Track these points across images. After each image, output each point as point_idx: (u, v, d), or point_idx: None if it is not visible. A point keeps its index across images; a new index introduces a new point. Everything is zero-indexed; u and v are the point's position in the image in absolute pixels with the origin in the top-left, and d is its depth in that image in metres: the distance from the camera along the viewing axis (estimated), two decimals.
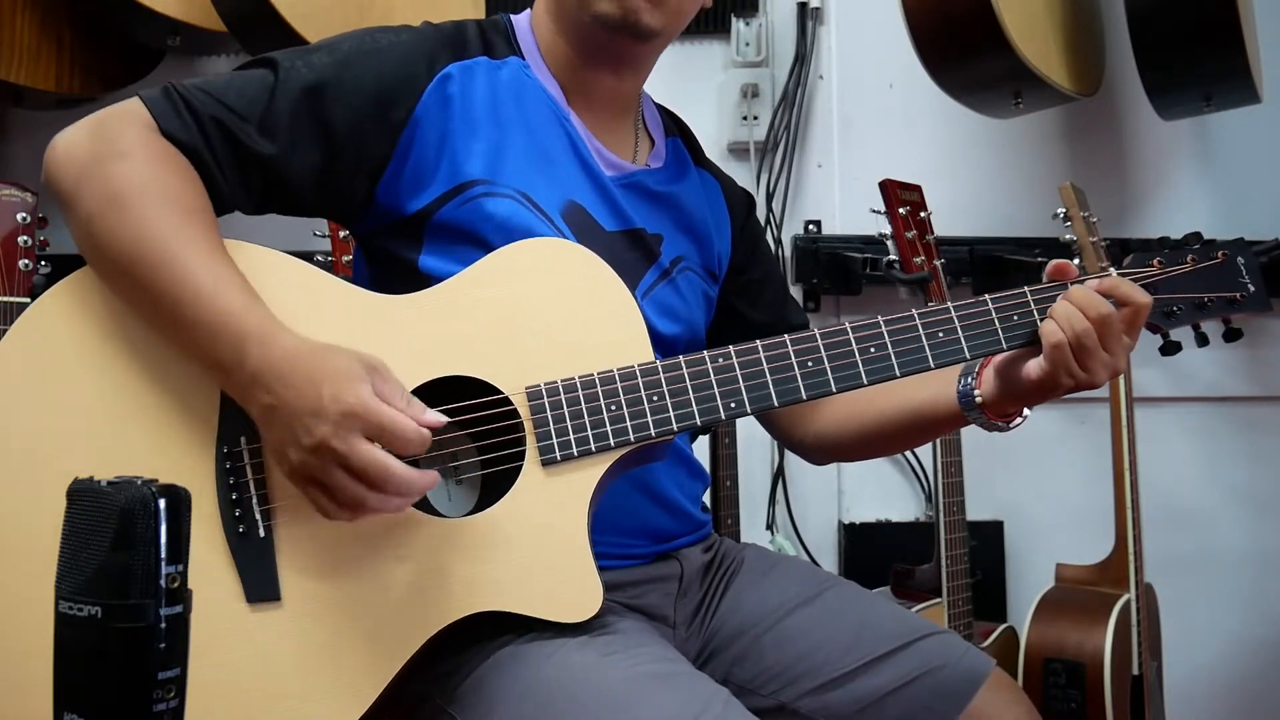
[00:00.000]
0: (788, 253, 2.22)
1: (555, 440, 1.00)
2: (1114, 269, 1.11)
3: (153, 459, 0.98)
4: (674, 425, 1.01)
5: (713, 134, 2.22)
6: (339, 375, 0.90)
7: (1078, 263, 1.65)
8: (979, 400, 1.11)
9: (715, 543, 1.26)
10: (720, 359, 1.03)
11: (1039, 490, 2.23)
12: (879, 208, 1.79)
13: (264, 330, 0.94)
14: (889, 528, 2.22)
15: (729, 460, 1.89)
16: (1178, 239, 1.18)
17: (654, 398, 1.01)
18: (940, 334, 1.05)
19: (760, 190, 2.19)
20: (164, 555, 0.62)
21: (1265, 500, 2.26)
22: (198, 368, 0.98)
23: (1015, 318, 1.06)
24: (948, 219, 1.93)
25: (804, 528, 2.21)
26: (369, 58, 1.08)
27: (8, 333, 1.00)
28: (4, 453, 0.97)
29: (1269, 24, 2.00)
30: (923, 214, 1.80)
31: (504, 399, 1.01)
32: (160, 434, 0.98)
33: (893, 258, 1.79)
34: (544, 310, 1.03)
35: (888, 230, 1.79)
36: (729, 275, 1.31)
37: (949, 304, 1.06)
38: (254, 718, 0.95)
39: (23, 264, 1.59)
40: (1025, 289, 1.07)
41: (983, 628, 1.86)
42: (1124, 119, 2.25)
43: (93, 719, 0.61)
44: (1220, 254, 1.17)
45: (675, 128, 1.31)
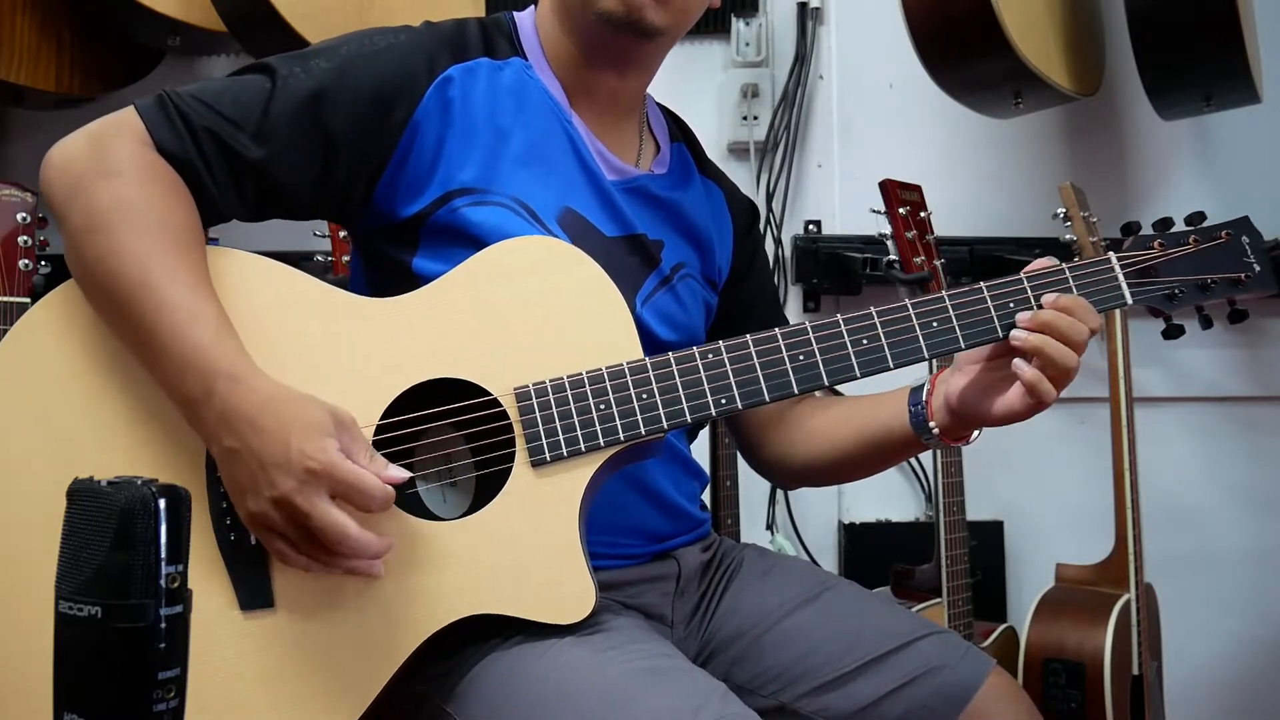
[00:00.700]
0: (788, 253, 2.22)
1: (544, 441, 0.99)
2: (1113, 253, 1.10)
3: (142, 470, 0.97)
4: (664, 423, 1.01)
5: (713, 134, 2.21)
6: (310, 428, 0.90)
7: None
8: (934, 429, 1.13)
9: (714, 542, 1.26)
10: (710, 355, 1.02)
11: (1039, 490, 2.23)
12: (879, 208, 1.79)
13: (234, 369, 0.93)
14: (889, 528, 2.22)
15: (729, 460, 1.89)
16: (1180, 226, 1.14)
17: (643, 395, 1.01)
18: (934, 323, 1.04)
19: (760, 190, 2.19)
20: (164, 555, 0.61)
21: (1265, 500, 2.26)
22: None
23: (1011, 305, 1.05)
24: (948, 219, 1.92)
25: (804, 528, 2.21)
26: (368, 61, 1.08)
27: None
28: None
29: (1269, 24, 2.00)
30: (923, 214, 1.80)
31: (493, 400, 1.00)
32: (150, 444, 0.98)
33: (893, 258, 1.79)
34: (532, 310, 1.02)
35: (888, 230, 1.79)
36: (727, 283, 1.30)
37: (944, 293, 1.05)
38: None
39: (23, 264, 1.59)
40: (1022, 275, 1.06)
41: (983, 628, 1.86)
42: (1124, 119, 2.25)
43: (93, 719, 0.61)
44: (1224, 234, 1.13)
45: (680, 133, 1.31)
